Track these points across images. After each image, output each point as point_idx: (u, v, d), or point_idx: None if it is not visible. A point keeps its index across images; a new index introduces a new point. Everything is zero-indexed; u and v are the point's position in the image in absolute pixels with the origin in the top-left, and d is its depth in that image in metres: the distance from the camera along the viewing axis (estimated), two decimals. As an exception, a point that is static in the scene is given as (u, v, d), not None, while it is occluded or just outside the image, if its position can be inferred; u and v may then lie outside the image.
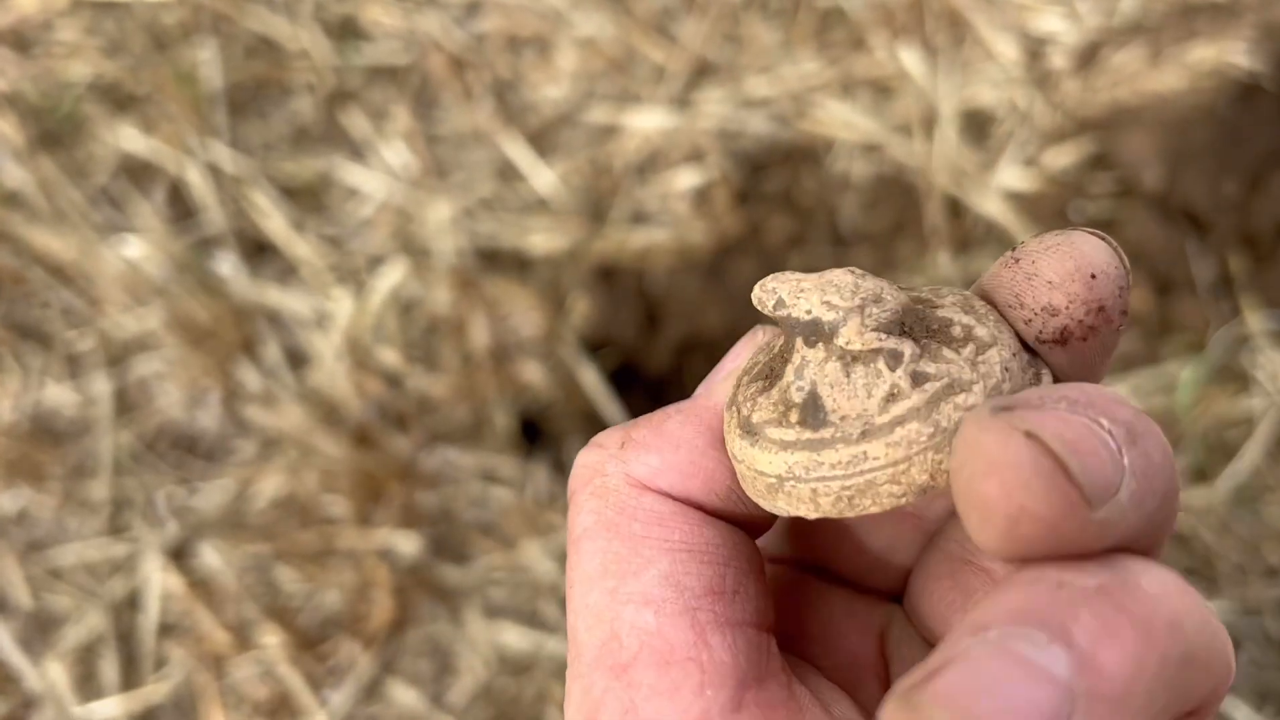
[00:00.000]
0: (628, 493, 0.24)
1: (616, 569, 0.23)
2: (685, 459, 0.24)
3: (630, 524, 0.24)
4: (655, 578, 0.23)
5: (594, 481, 0.25)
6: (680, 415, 0.25)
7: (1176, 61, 1.03)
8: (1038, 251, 0.23)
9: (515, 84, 1.13)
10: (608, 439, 0.25)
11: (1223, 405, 0.92)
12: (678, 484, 0.24)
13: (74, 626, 0.91)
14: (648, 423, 0.25)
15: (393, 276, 1.01)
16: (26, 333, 1.03)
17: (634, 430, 0.25)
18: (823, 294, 0.22)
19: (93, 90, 1.14)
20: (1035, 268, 0.22)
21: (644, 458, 0.25)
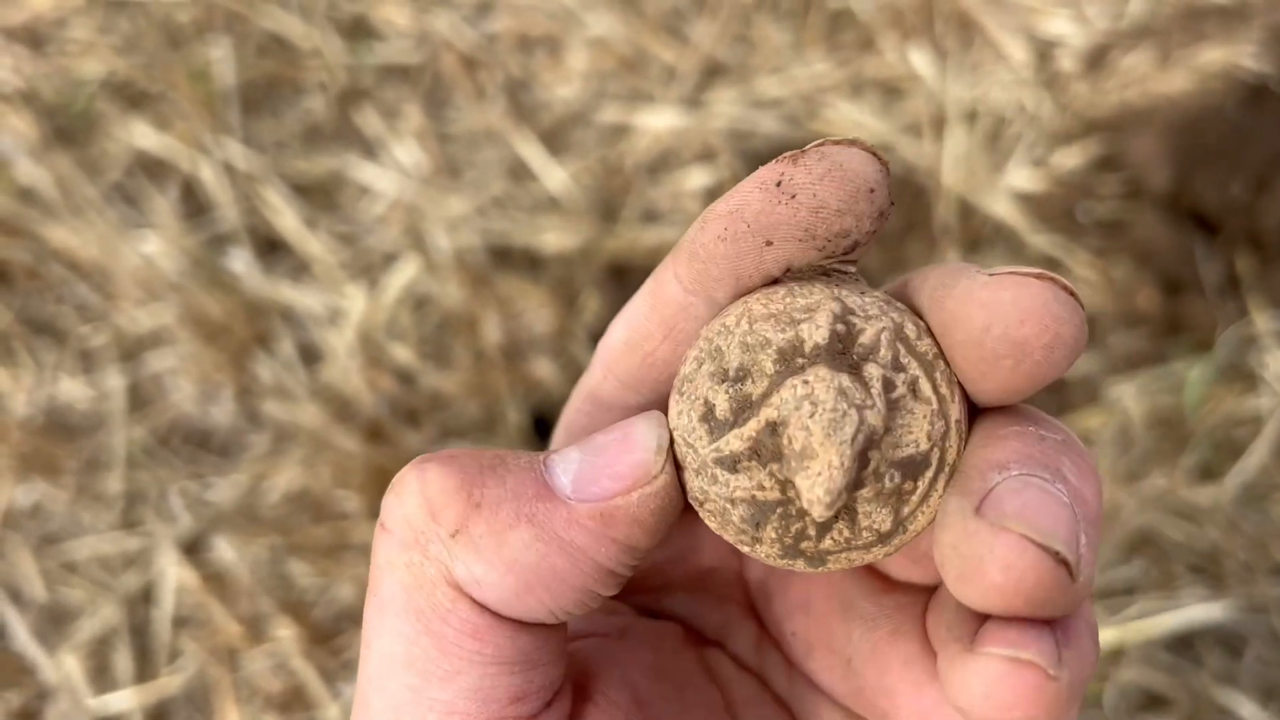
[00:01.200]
0: (443, 592, 0.22)
1: (421, 668, 0.22)
2: (511, 587, 0.22)
3: (442, 626, 0.22)
4: (462, 690, 0.22)
5: (410, 555, 0.22)
6: (530, 532, 0.22)
7: (1185, 64, 1.04)
8: (814, 182, 0.22)
9: (527, 83, 1.14)
10: (447, 503, 0.22)
11: (1230, 405, 0.92)
12: (500, 604, 0.22)
13: (88, 619, 0.92)
14: (492, 518, 0.22)
15: (405, 274, 1.02)
16: (41, 328, 1.04)
17: (474, 521, 0.22)
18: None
19: (106, 88, 1.15)
20: (818, 200, 0.22)
21: (472, 564, 0.22)
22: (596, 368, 0.27)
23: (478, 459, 0.23)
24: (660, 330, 0.25)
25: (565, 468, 0.23)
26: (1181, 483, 0.90)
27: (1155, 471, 0.91)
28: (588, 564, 0.22)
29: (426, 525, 0.22)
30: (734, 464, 0.22)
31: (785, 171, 0.22)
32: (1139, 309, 0.98)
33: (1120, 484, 0.90)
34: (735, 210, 0.22)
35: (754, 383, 0.22)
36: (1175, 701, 0.84)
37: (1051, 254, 1.00)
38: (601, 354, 0.27)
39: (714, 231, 0.23)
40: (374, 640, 0.22)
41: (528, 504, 0.22)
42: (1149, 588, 0.87)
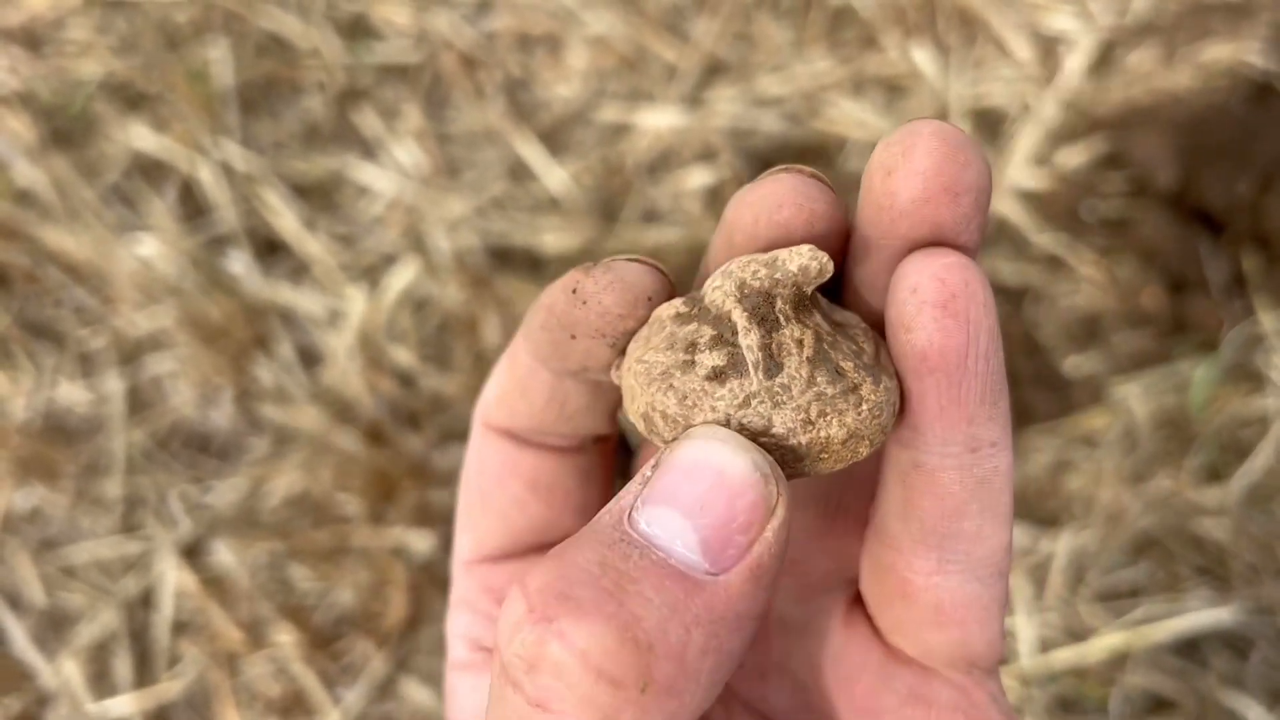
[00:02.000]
0: None
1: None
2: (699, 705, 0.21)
3: None
4: None
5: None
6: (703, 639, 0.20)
7: (1190, 61, 1.03)
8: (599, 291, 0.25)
9: (526, 82, 1.13)
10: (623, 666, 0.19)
11: (1236, 405, 0.92)
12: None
13: (87, 624, 0.92)
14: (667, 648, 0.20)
15: (405, 275, 1.01)
16: (39, 331, 1.04)
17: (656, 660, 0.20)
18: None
19: (104, 89, 1.14)
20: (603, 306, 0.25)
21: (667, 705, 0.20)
22: (476, 428, 0.30)
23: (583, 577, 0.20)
24: (516, 390, 0.28)
25: (675, 537, 0.21)
26: (1187, 484, 0.89)
27: (1161, 473, 0.90)
28: (753, 626, 0.21)
29: (612, 696, 0.20)
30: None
31: (580, 281, 0.25)
32: (1144, 308, 0.97)
33: (1126, 485, 0.89)
34: (549, 306, 0.26)
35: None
36: (1181, 705, 0.83)
37: (1055, 252, 0.99)
38: (480, 404, 0.30)
39: (538, 320, 0.26)
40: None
41: (686, 610, 0.20)
42: (1155, 590, 0.87)
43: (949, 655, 0.25)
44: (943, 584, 0.24)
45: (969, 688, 0.26)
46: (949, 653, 0.25)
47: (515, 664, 0.20)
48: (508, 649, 0.20)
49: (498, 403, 0.29)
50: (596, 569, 0.20)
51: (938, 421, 0.23)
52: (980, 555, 0.24)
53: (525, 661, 0.20)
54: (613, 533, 0.21)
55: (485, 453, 0.30)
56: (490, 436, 0.30)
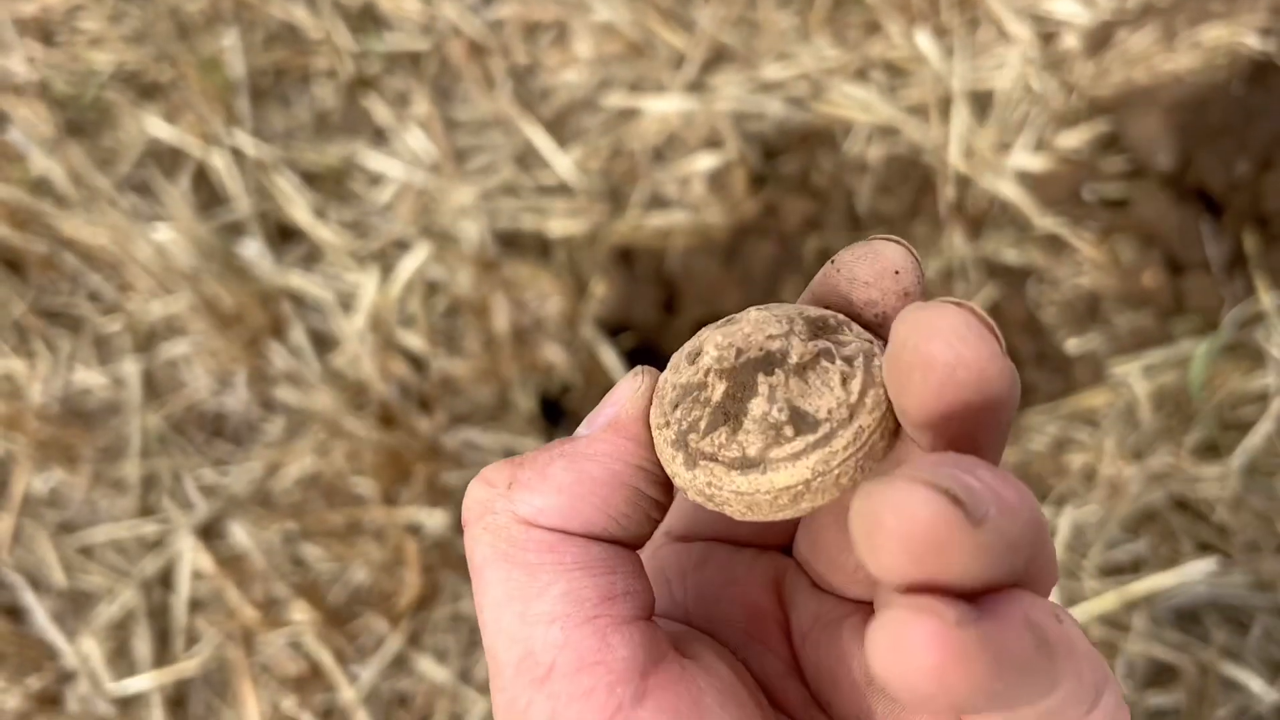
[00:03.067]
0: (516, 528, 0.27)
1: (520, 594, 0.26)
2: (565, 503, 0.27)
3: (524, 554, 0.27)
4: (556, 596, 0.26)
5: (485, 518, 0.27)
6: (564, 460, 0.27)
7: (1190, 42, 1.04)
8: (852, 261, 0.28)
9: (534, 70, 1.14)
10: (496, 476, 0.28)
11: (1235, 382, 0.93)
12: (559, 522, 0.27)
13: (107, 604, 0.93)
14: (533, 464, 0.28)
15: (415, 260, 1.03)
16: (56, 317, 1.05)
17: (520, 471, 0.27)
18: (762, 333, 0.27)
19: (117, 78, 1.16)
20: (853, 273, 0.28)
21: (528, 498, 0.27)
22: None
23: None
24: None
25: (583, 424, 0.29)
26: (1187, 460, 0.90)
27: (1161, 449, 0.91)
28: (617, 464, 0.27)
29: (487, 492, 0.27)
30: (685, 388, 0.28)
31: (840, 255, 0.28)
32: (1144, 288, 0.98)
33: (1126, 462, 0.90)
34: (812, 285, 0.29)
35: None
36: (1183, 675, 0.84)
37: (1057, 233, 1.00)
38: None
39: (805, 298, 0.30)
40: (483, 606, 0.27)
41: (558, 448, 0.28)
42: (1156, 564, 0.88)
43: None
44: None
45: None
46: None
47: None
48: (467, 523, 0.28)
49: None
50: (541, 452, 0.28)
51: None
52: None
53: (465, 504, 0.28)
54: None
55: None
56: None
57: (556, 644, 0.26)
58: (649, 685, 0.26)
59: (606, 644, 0.26)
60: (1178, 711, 0.84)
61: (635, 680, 0.26)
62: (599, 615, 0.26)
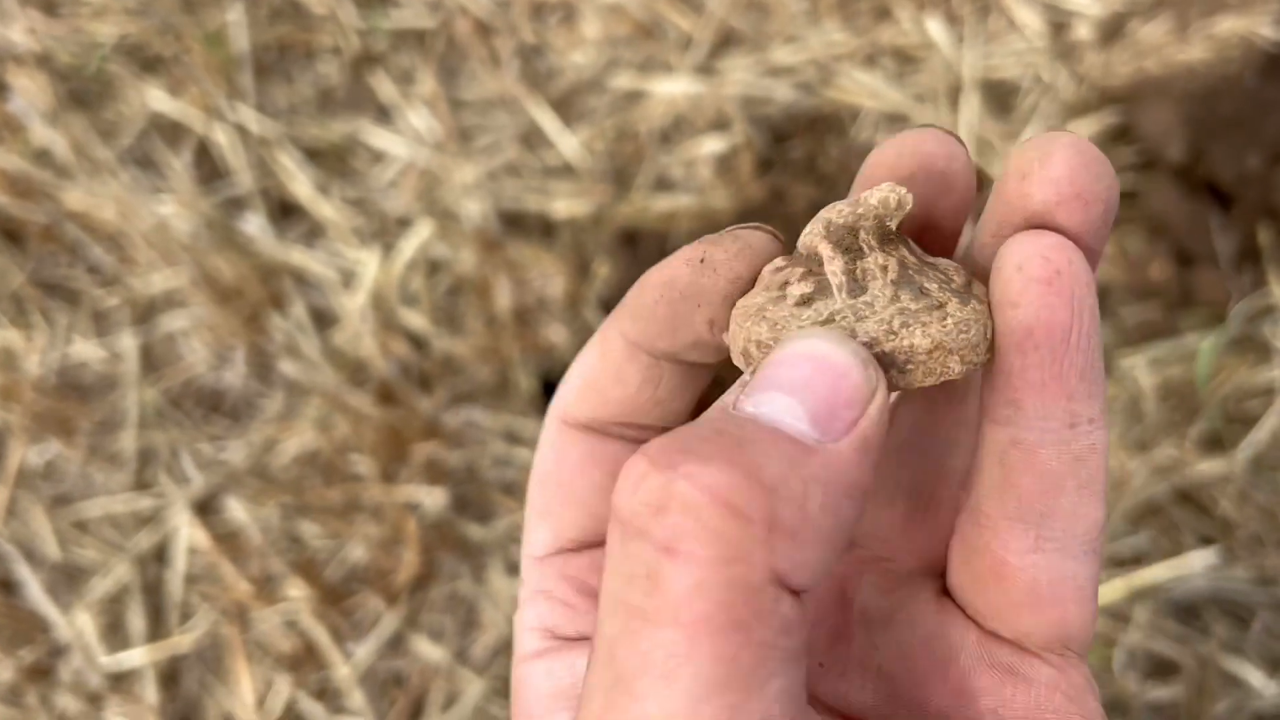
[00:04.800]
0: (770, 595, 0.20)
1: (741, 683, 0.20)
2: (822, 557, 0.21)
3: (763, 632, 0.20)
4: (776, 693, 0.21)
5: (733, 569, 0.20)
6: (822, 495, 0.21)
7: (1203, 33, 1.03)
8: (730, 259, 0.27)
9: (541, 49, 1.13)
10: (750, 505, 0.20)
11: (1242, 376, 0.92)
12: (810, 584, 0.21)
13: (101, 578, 0.93)
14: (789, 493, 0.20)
15: (418, 238, 1.02)
16: (54, 289, 1.04)
17: (780, 504, 0.20)
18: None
19: (119, 50, 1.15)
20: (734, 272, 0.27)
21: (792, 553, 0.20)
22: (552, 426, 0.30)
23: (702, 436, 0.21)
24: (609, 376, 0.29)
25: (783, 412, 0.22)
26: (1192, 453, 0.90)
27: (1166, 442, 0.91)
28: (862, 503, 0.22)
29: (743, 532, 0.20)
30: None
31: (708, 251, 0.26)
32: (1152, 280, 0.97)
33: (1131, 454, 0.90)
34: (669, 280, 0.27)
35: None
36: (1183, 669, 0.84)
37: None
38: (558, 402, 0.30)
39: (651, 296, 0.27)
40: (678, 676, 0.20)
41: (805, 474, 0.21)
42: (1158, 557, 0.87)
43: (1045, 636, 0.26)
44: (1039, 562, 0.25)
45: (1065, 668, 0.26)
46: (1045, 633, 0.25)
47: (640, 512, 0.20)
48: (630, 501, 0.21)
49: (582, 394, 0.29)
50: (712, 433, 0.21)
51: (1039, 397, 0.24)
52: (1076, 532, 0.25)
53: (651, 506, 0.20)
54: (721, 413, 0.22)
55: (563, 447, 0.30)
56: (569, 432, 0.30)
57: None
58: None
59: None
60: (1177, 705, 0.84)
61: None
62: (804, 710, 0.21)
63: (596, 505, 0.30)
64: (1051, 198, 0.24)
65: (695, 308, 0.26)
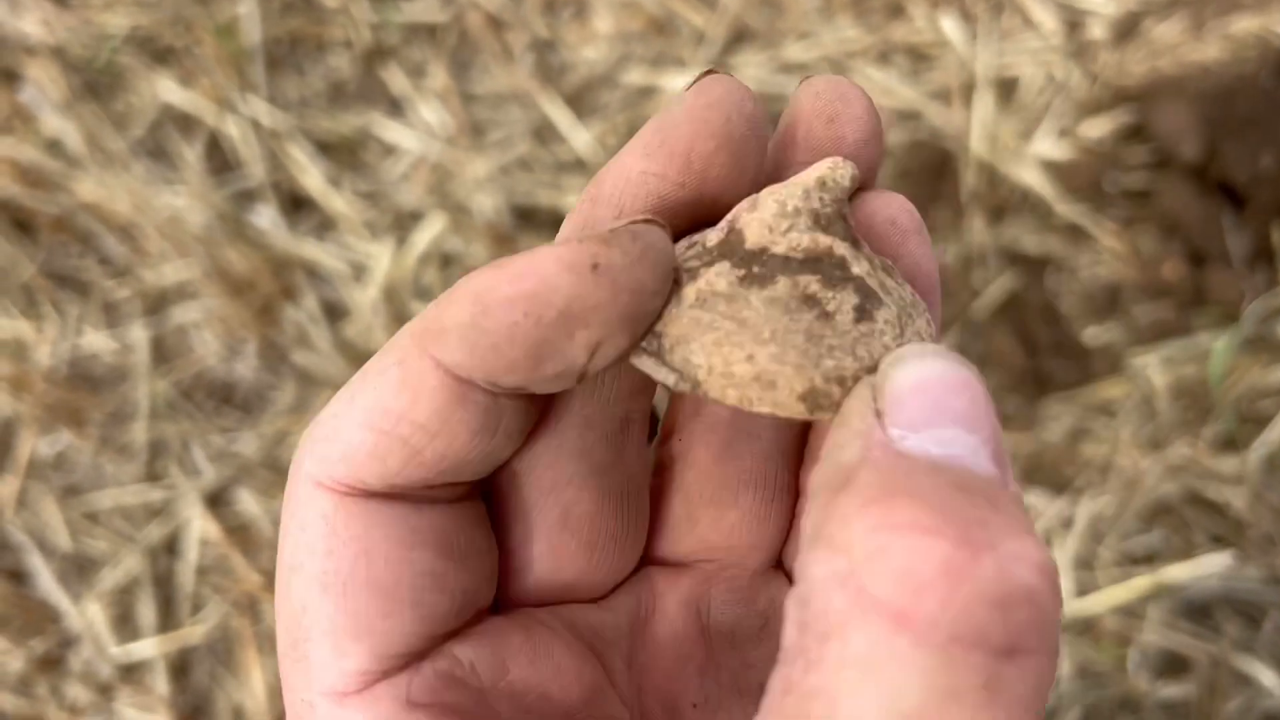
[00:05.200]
0: None
1: None
2: None
3: None
4: None
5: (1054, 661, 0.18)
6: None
7: (1218, 33, 1.03)
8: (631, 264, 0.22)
9: (553, 44, 1.13)
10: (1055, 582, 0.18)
11: (1255, 376, 0.92)
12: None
13: (112, 569, 0.93)
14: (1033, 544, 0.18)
15: (429, 232, 1.02)
16: (65, 280, 1.04)
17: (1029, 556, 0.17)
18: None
19: (131, 42, 1.15)
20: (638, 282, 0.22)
21: None
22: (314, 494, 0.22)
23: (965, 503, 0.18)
24: (424, 425, 0.21)
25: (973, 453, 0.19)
26: (1204, 453, 0.90)
27: (1178, 441, 0.90)
28: None
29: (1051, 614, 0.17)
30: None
31: (600, 254, 0.20)
32: (1165, 280, 0.97)
33: (1143, 453, 0.90)
34: (537, 295, 0.20)
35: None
36: (1195, 667, 0.84)
37: (1078, 223, 0.99)
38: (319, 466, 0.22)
39: (507, 317, 0.20)
40: None
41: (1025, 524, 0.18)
42: (1170, 556, 0.87)
43: None
44: None
45: None
46: None
47: (975, 612, 0.16)
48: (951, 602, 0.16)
49: (375, 452, 0.21)
50: (955, 490, 0.18)
51: None
52: None
53: (989, 601, 0.16)
54: (907, 460, 0.18)
55: (359, 530, 0.22)
56: (356, 505, 0.22)
57: None
58: None
59: None
60: (1189, 703, 0.84)
61: None
62: None
63: (432, 603, 0.22)
64: (861, 136, 0.25)
65: (576, 330, 0.20)
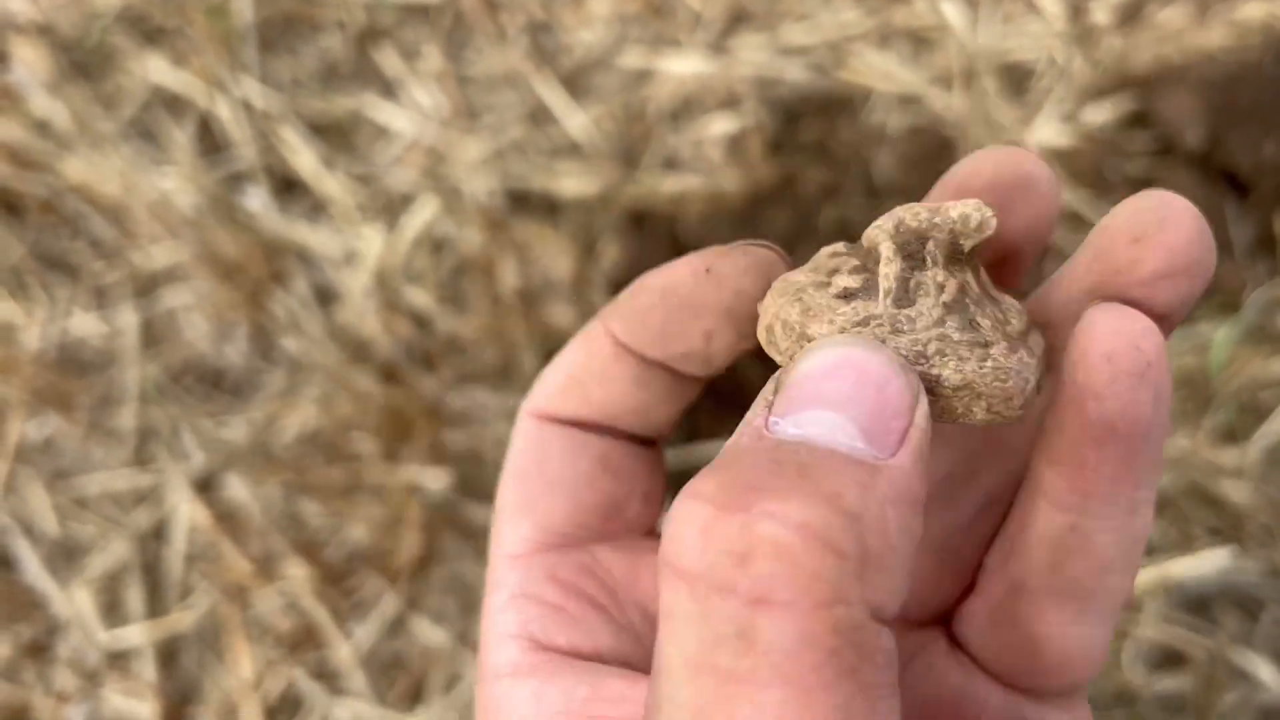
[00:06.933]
0: (872, 631, 0.19)
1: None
2: (905, 580, 0.20)
3: (871, 673, 0.19)
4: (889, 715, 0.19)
5: (835, 611, 0.18)
6: (897, 517, 0.19)
7: (1224, 18, 1.02)
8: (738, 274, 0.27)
9: (549, 26, 1.12)
10: (843, 540, 0.18)
11: (1256, 366, 0.91)
12: (898, 610, 0.20)
13: (99, 555, 0.92)
14: (873, 519, 0.19)
15: (422, 216, 1.01)
16: (54, 262, 1.03)
17: (869, 533, 0.19)
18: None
19: (121, 21, 1.13)
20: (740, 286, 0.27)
21: (884, 582, 0.19)
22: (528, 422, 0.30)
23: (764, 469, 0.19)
24: (595, 375, 0.28)
25: (833, 431, 0.20)
26: (1204, 444, 0.89)
27: (1178, 433, 0.90)
28: (923, 512, 0.20)
29: (838, 570, 0.18)
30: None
31: (715, 264, 0.26)
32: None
33: (1142, 444, 0.89)
34: (669, 287, 0.27)
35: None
36: (1192, 661, 0.83)
37: (1078, 210, 0.98)
38: (535, 396, 0.30)
39: (648, 300, 0.27)
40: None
41: (879, 494, 0.19)
42: (1168, 549, 0.86)
43: (1063, 688, 0.26)
44: (1077, 633, 0.25)
45: (1072, 707, 0.26)
46: (1065, 687, 0.26)
47: (719, 564, 0.18)
48: (702, 553, 0.19)
49: (564, 390, 0.29)
50: (771, 463, 0.19)
51: (1109, 488, 0.23)
52: (1115, 604, 0.25)
53: (734, 556, 0.18)
54: (763, 441, 0.20)
55: (544, 440, 0.29)
56: (548, 426, 0.29)
57: None
58: None
59: None
60: (1185, 696, 0.83)
61: None
62: None
63: (585, 497, 0.29)
64: (1163, 268, 0.23)
65: (693, 318, 0.26)
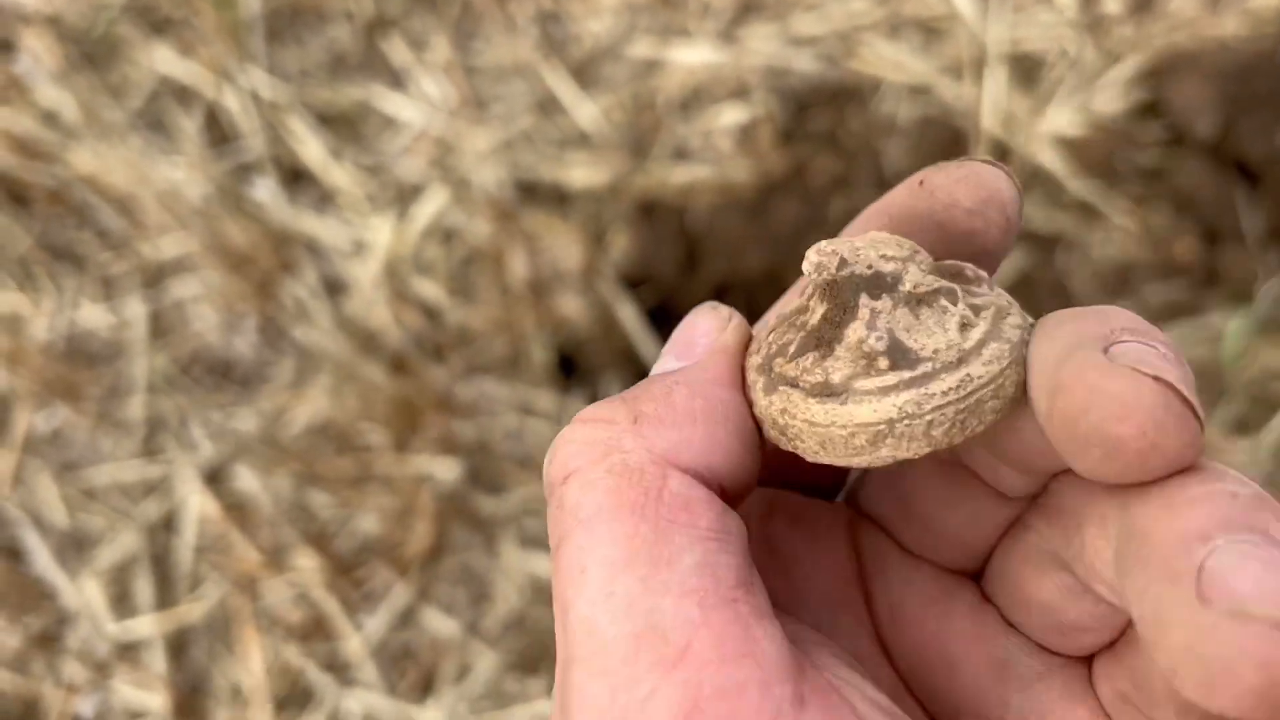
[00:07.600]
0: (653, 471, 0.22)
1: (646, 556, 0.21)
2: (703, 435, 0.23)
3: (657, 508, 0.22)
4: (691, 567, 0.21)
5: (610, 458, 0.22)
6: (685, 388, 0.24)
7: (1237, 7, 1.01)
8: (951, 183, 0.25)
9: (558, 15, 1.11)
10: (613, 413, 0.23)
11: (1269, 357, 0.91)
12: (700, 462, 0.23)
13: (108, 546, 0.92)
14: (649, 396, 0.24)
15: (431, 206, 1.00)
16: (62, 253, 1.03)
17: (641, 404, 0.23)
18: (876, 250, 0.24)
19: (128, 12, 1.13)
20: (952, 198, 0.25)
21: (665, 432, 0.23)
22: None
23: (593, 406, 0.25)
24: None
25: (662, 361, 0.26)
26: (1217, 436, 0.89)
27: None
28: (733, 386, 0.25)
29: (607, 430, 0.23)
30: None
31: (929, 175, 0.26)
32: (1177, 259, 0.96)
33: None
34: (884, 206, 0.26)
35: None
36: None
37: (1090, 200, 0.98)
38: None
39: (861, 225, 0.26)
40: (585, 566, 0.21)
41: (668, 381, 0.24)
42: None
43: None
44: None
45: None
46: None
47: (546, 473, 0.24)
48: (545, 473, 0.24)
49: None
50: (627, 393, 0.25)
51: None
52: None
53: (550, 463, 0.24)
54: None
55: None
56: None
57: (693, 622, 0.21)
58: (805, 691, 0.21)
59: (750, 635, 0.21)
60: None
61: (791, 682, 0.21)
62: (737, 599, 0.21)
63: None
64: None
65: (908, 233, 0.25)
